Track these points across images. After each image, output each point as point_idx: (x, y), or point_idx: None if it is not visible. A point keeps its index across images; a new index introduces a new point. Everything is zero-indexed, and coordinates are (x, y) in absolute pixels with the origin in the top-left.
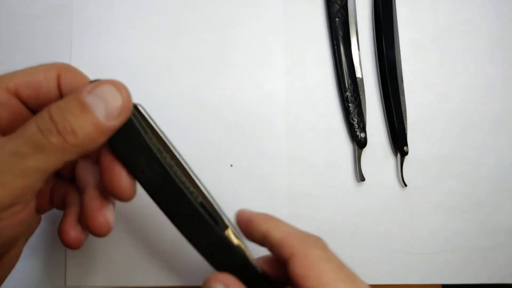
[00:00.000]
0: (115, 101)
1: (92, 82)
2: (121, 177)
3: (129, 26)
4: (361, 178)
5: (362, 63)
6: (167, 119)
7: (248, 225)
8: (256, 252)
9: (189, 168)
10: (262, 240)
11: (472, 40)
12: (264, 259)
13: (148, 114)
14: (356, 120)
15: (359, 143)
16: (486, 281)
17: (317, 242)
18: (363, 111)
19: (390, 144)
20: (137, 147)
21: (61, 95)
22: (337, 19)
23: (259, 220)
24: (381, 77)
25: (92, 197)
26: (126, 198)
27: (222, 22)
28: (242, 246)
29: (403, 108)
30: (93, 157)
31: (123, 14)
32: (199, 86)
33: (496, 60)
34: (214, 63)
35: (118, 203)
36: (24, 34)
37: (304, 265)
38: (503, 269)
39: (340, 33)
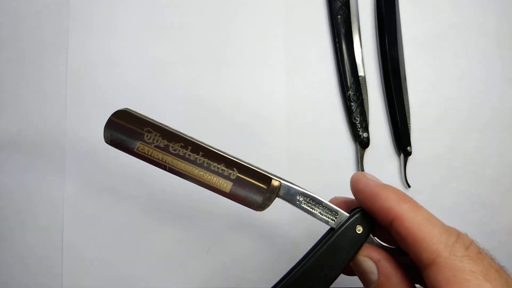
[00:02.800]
0: None
1: None
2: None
3: (126, 24)
4: None
5: (364, 61)
6: (165, 119)
7: (372, 200)
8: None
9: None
10: (389, 225)
11: (476, 38)
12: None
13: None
14: (358, 119)
15: (362, 143)
16: None
17: (468, 248)
18: (366, 110)
19: (393, 144)
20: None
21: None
22: (339, 17)
23: (389, 197)
24: (384, 76)
25: None
26: None
27: (221, 19)
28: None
29: (406, 107)
30: None
31: (120, 12)
32: (197, 86)
33: (501, 59)
34: (212, 61)
35: (114, 205)
36: (21, 33)
37: (453, 282)
38: (507, 270)
39: (342, 30)
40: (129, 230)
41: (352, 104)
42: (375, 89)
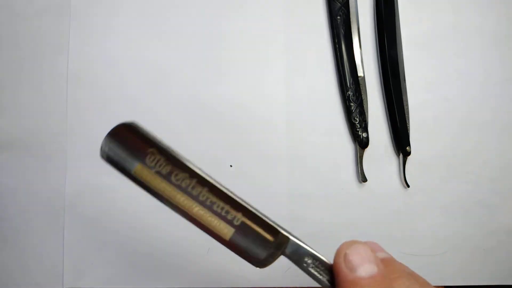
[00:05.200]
0: None
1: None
2: None
3: (126, 24)
4: (363, 179)
5: (364, 61)
6: (166, 120)
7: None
8: None
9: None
10: None
11: (475, 38)
12: None
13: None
14: (358, 119)
15: (361, 143)
16: (489, 282)
17: None
18: (365, 110)
19: (393, 144)
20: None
21: None
22: (338, 17)
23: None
24: (383, 76)
25: None
26: None
27: (221, 20)
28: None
29: (405, 107)
30: None
31: (120, 12)
32: (197, 86)
33: (500, 59)
34: (212, 62)
35: (114, 205)
36: (22, 33)
37: None
38: (506, 270)
39: (342, 31)
40: (129, 230)
41: (352, 104)
42: (375, 90)
